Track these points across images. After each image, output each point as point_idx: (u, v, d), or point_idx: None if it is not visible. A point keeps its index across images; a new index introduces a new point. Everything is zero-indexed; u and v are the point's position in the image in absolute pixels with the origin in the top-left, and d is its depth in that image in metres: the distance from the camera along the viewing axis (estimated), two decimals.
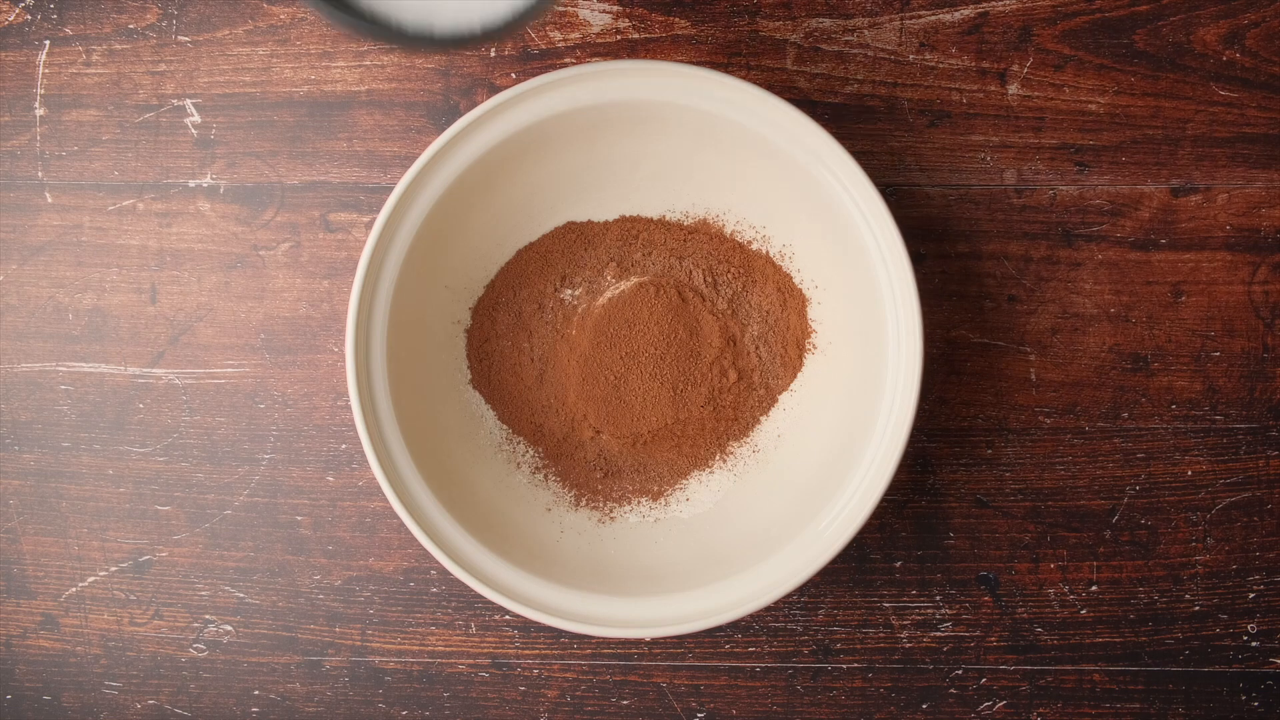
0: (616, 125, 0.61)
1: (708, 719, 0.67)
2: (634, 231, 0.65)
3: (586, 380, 0.65)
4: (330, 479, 0.67)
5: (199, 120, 0.68)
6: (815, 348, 0.65)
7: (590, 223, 0.66)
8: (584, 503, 0.65)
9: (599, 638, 0.66)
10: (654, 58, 0.66)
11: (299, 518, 0.67)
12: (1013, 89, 0.66)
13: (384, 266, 0.59)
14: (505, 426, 0.65)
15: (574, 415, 0.65)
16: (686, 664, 0.67)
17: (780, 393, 0.65)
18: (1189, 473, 0.66)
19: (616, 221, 0.66)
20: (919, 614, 0.66)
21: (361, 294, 0.59)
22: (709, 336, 0.65)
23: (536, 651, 0.67)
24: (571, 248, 0.66)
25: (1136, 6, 0.66)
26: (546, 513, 0.64)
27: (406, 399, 0.60)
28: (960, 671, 0.66)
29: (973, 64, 0.66)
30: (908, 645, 0.66)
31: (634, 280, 0.65)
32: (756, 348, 0.65)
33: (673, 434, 0.65)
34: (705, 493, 0.65)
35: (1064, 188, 0.66)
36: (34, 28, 0.68)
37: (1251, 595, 0.66)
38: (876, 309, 0.60)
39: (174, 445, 0.68)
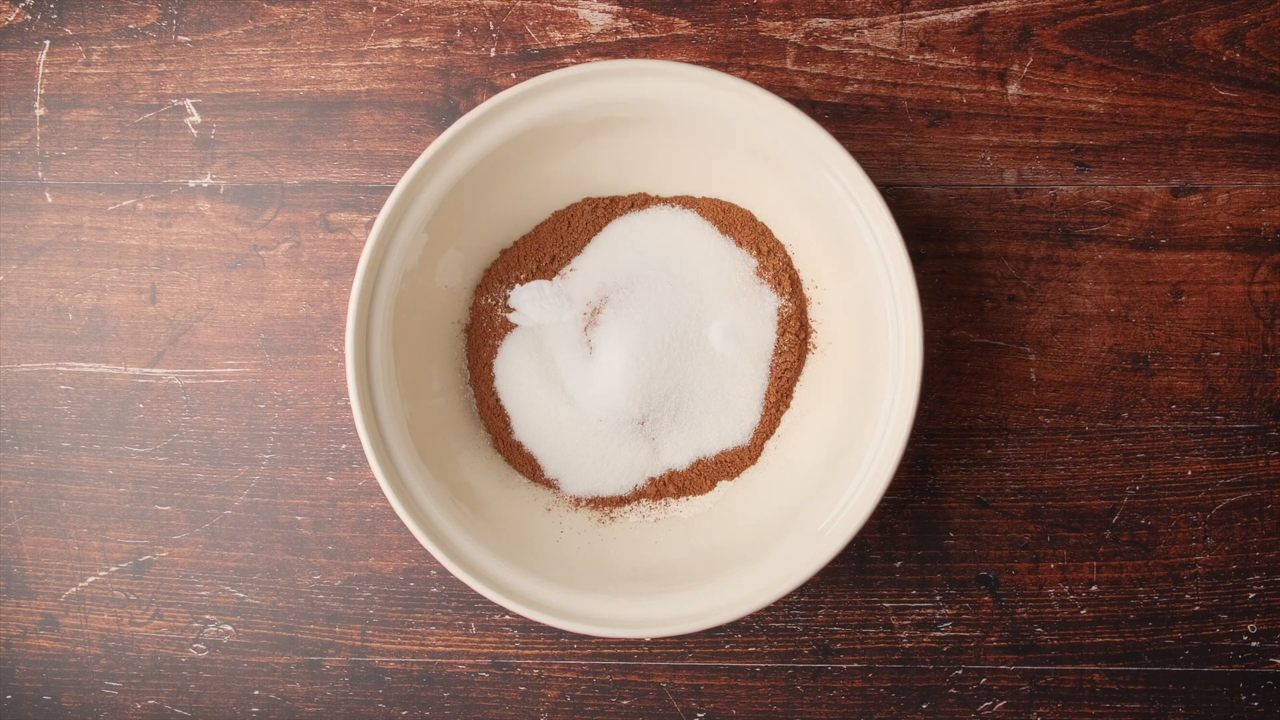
0: (616, 125, 0.61)
1: (708, 719, 0.67)
2: None
3: None
4: (330, 479, 0.67)
5: (199, 120, 0.68)
6: (815, 348, 0.65)
7: None
8: (584, 503, 0.65)
9: (599, 638, 0.66)
10: (654, 58, 0.66)
11: (299, 518, 0.67)
12: (1013, 89, 0.66)
13: (384, 266, 0.59)
14: None
15: None
16: (686, 664, 0.67)
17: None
18: (1189, 473, 0.66)
19: None
20: (919, 614, 0.66)
21: (361, 294, 0.59)
22: None
23: (536, 651, 0.67)
24: None
25: (1136, 6, 0.66)
26: (546, 513, 0.64)
27: (406, 399, 0.60)
28: (960, 671, 0.66)
29: (973, 64, 0.66)
30: (908, 645, 0.66)
31: None
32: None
33: None
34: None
35: (1064, 188, 0.66)
36: (34, 28, 0.68)
37: (1251, 595, 0.66)
38: (876, 309, 0.60)
39: (174, 445, 0.68)
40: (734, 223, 0.65)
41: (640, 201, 0.65)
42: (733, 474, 0.65)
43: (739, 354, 0.64)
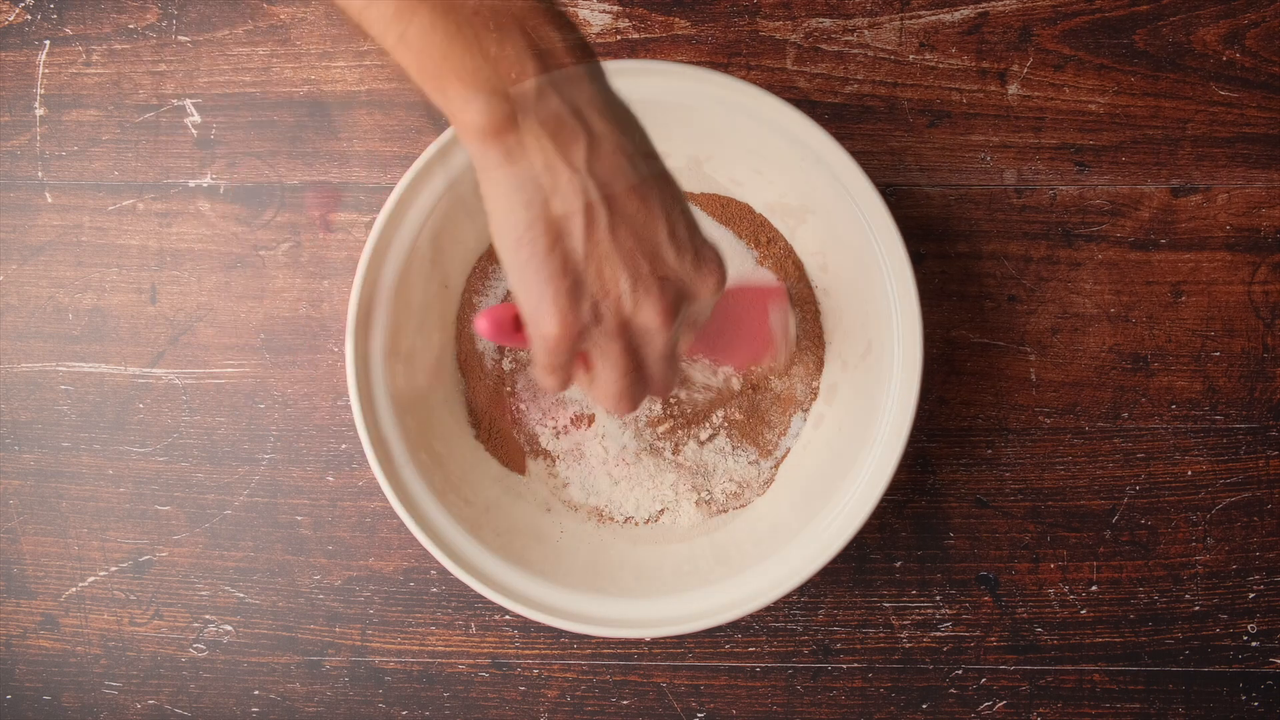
0: None
1: (708, 719, 0.67)
2: None
3: None
4: (330, 479, 0.67)
5: (199, 120, 0.68)
6: None
7: None
8: (584, 505, 0.65)
9: (599, 638, 0.66)
10: (654, 58, 0.66)
11: (299, 518, 0.67)
12: (1013, 89, 0.66)
13: (384, 266, 0.59)
14: None
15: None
16: (686, 664, 0.67)
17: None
18: (1189, 473, 0.66)
19: None
20: (919, 614, 0.66)
21: (361, 294, 0.59)
22: None
23: (536, 651, 0.67)
24: None
25: (1136, 6, 0.66)
26: (546, 513, 0.64)
27: (406, 399, 0.60)
28: (960, 671, 0.66)
29: (973, 64, 0.66)
30: (908, 645, 0.66)
31: None
32: None
33: None
34: None
35: (1064, 188, 0.66)
36: (34, 28, 0.68)
37: (1251, 595, 0.66)
38: (876, 309, 0.60)
39: (174, 445, 0.68)
40: (733, 216, 0.65)
41: None
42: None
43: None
